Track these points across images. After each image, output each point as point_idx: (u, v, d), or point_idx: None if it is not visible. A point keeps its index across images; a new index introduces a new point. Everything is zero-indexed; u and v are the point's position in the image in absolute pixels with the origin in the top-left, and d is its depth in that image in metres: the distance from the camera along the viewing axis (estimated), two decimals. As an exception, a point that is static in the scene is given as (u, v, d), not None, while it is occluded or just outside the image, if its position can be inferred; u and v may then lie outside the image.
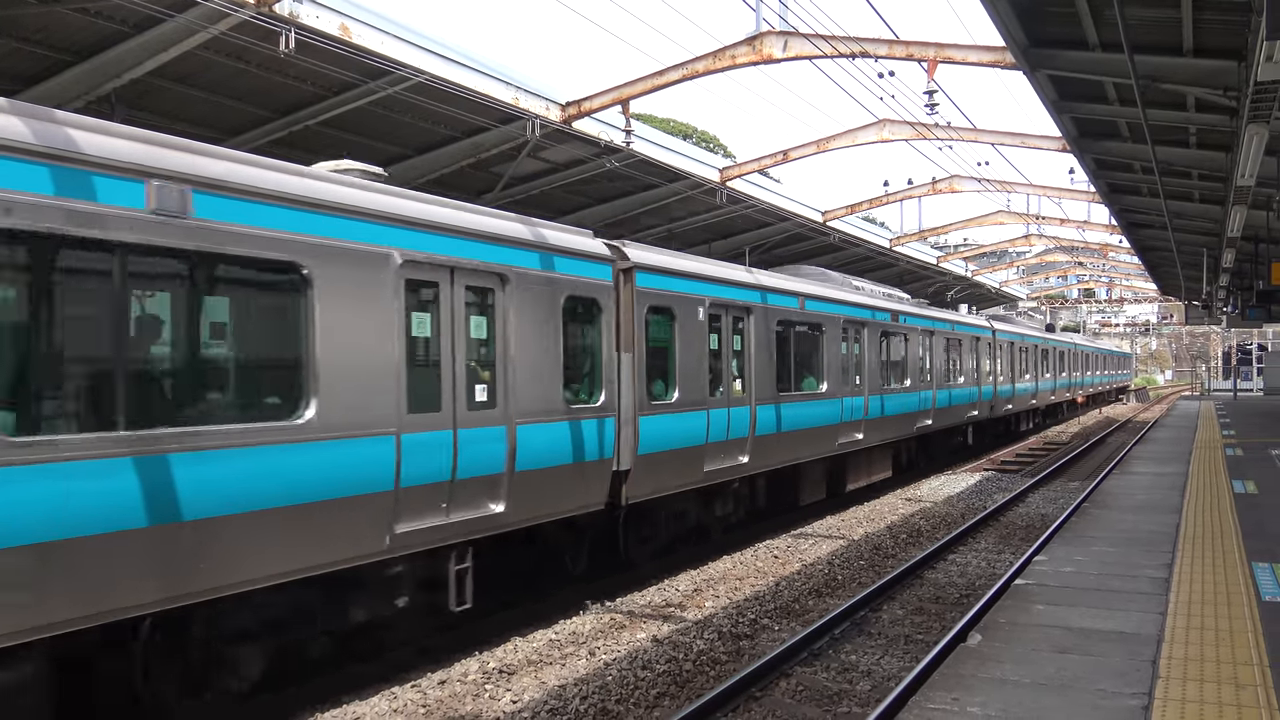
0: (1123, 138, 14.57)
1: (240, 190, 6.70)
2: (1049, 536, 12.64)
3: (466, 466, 8.49)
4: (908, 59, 13.05)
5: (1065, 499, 18.26)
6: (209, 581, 6.43)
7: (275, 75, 11.88)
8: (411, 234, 8.03)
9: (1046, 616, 7.27)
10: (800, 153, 18.90)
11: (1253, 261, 21.88)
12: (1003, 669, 6.06)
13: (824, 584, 11.59)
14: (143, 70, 10.88)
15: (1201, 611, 7.29)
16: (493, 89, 13.25)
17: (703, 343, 12.40)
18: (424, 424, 8.05)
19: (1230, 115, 11.13)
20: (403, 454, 7.79)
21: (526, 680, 8.21)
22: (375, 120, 13.64)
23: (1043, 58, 10.98)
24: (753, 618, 10.02)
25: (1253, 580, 8.23)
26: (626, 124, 15.05)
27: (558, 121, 14.41)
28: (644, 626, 9.83)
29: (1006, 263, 50.07)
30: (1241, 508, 12.04)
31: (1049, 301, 60.65)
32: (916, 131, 16.78)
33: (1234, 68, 9.99)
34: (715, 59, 13.82)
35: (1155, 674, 5.90)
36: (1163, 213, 18.95)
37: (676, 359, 11.86)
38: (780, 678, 8.26)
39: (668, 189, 18.88)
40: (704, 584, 11.62)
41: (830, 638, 9.41)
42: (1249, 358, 62.45)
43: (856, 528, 15.49)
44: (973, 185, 23.24)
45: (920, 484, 20.95)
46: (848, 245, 26.86)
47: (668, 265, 11.87)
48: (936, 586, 11.56)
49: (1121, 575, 8.53)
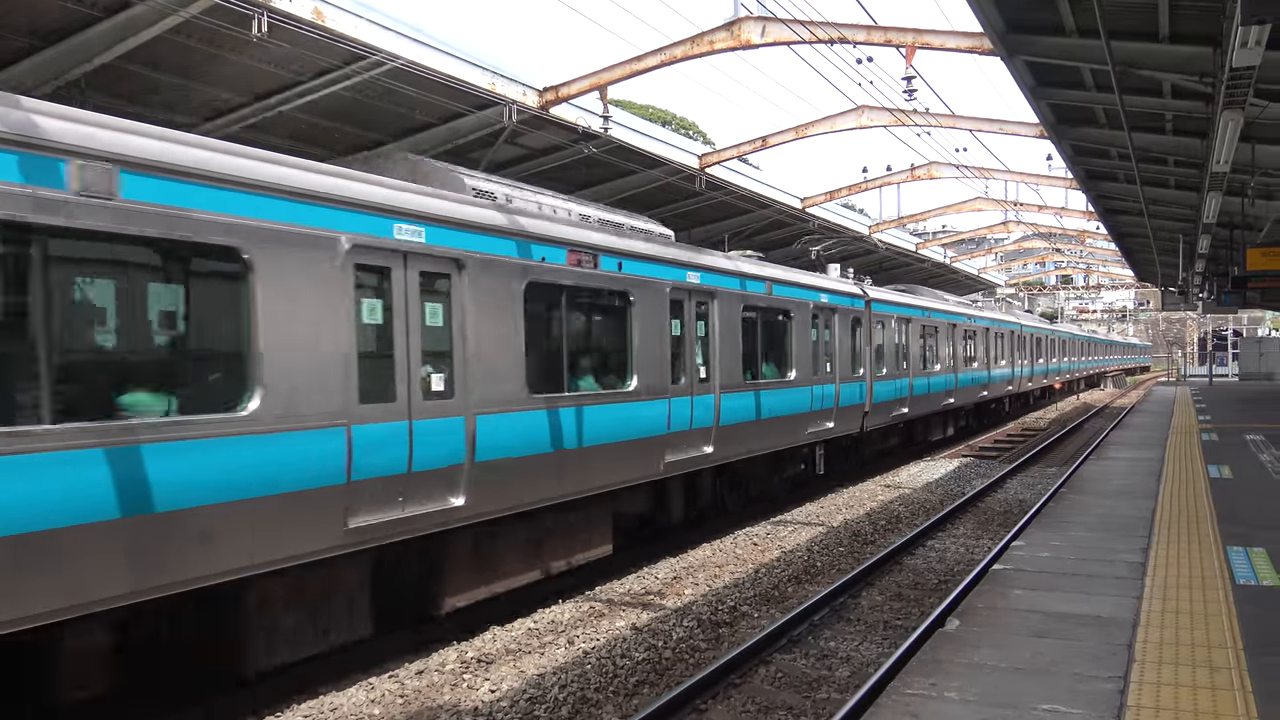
0: (1100, 124, 14.64)
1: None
2: (1026, 522, 12.73)
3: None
4: (886, 44, 13.05)
5: (1043, 484, 18.40)
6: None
7: (248, 60, 11.74)
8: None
9: (1024, 601, 7.32)
10: (779, 139, 18.90)
11: (1228, 247, 22.03)
12: (980, 654, 6.10)
13: (803, 571, 11.64)
14: (113, 55, 10.72)
15: (1177, 595, 7.36)
16: (469, 74, 13.16)
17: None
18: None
19: (1206, 101, 11.21)
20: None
21: (505, 669, 8.20)
22: (351, 106, 13.52)
23: (1020, 43, 11.01)
24: (732, 605, 10.05)
25: (1227, 564, 8.32)
26: (604, 110, 14.99)
27: (535, 107, 14.34)
28: (623, 614, 9.84)
29: (985, 249, 50.30)
30: (1217, 492, 12.17)
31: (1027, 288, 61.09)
32: (895, 118, 16.81)
33: (1209, 54, 10.05)
34: (694, 44, 13.77)
35: (1131, 658, 5.95)
36: (1139, 199, 19.09)
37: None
38: (760, 665, 8.29)
39: (646, 175, 18.82)
40: (683, 571, 11.64)
41: (810, 624, 9.45)
42: (1224, 343, 63.12)
43: (836, 514, 15.55)
44: (951, 172, 23.34)
45: (899, 470, 21.06)
46: (826, 232, 26.89)
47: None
48: (915, 572, 11.62)
49: (1098, 560, 8.61)
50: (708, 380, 12.98)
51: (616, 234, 11.45)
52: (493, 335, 9.07)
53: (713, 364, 13.07)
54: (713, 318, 13.17)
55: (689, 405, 12.47)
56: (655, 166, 18.29)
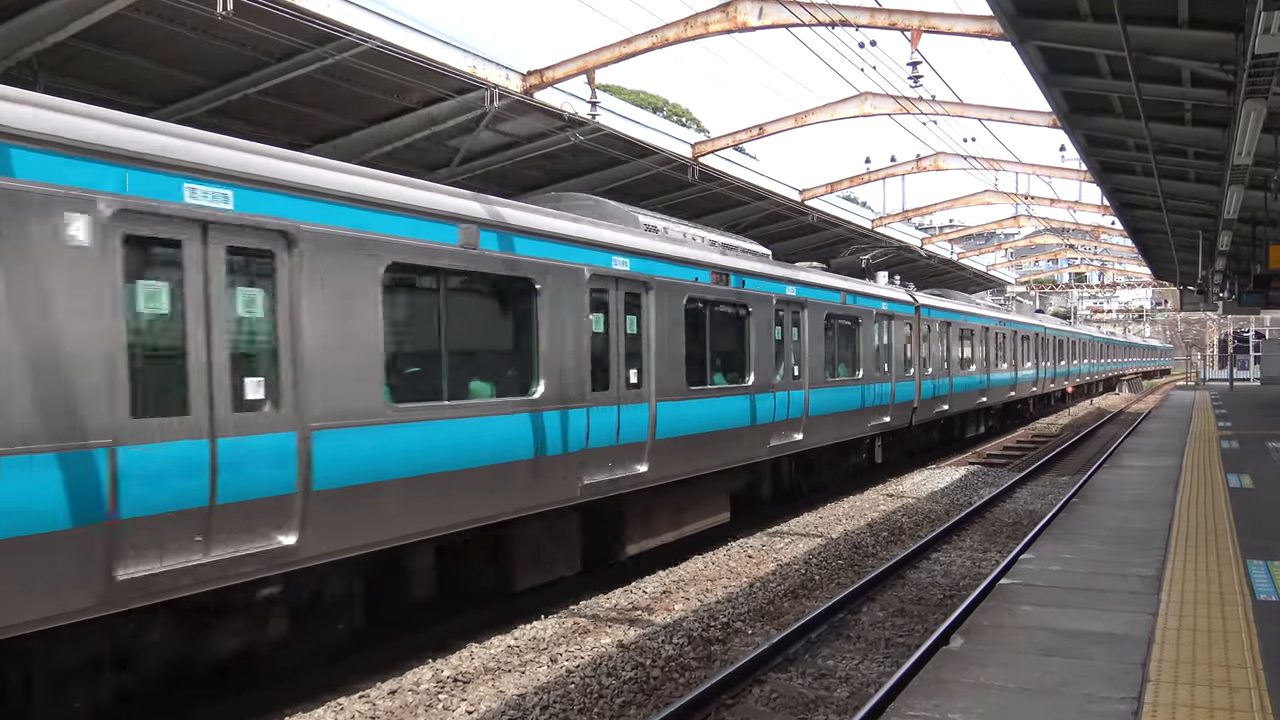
0: (1115, 113, 14.69)
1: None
2: (1036, 534, 12.77)
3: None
4: (890, 28, 13.08)
5: (1054, 494, 18.46)
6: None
7: (211, 39, 11.68)
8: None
9: (1032, 618, 7.33)
10: (777, 127, 18.91)
11: (1250, 244, 22.16)
12: (986, 673, 6.11)
13: (800, 585, 11.65)
14: (67, 33, 10.65)
15: (1194, 612, 7.38)
16: (448, 56, 13.12)
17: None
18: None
19: (1227, 90, 11.24)
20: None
21: (484, 689, 8.18)
22: (322, 89, 13.47)
23: (1032, 28, 11.03)
24: (725, 621, 10.05)
25: (1247, 579, 8.35)
26: (592, 95, 14.98)
27: (518, 92, 14.31)
28: (609, 631, 9.83)
29: (994, 245, 50.47)
30: (1237, 503, 12.21)
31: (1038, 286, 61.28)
32: (900, 105, 16.84)
33: (1231, 40, 10.07)
34: (687, 26, 13.77)
35: (1145, 677, 5.96)
36: (1157, 193, 19.16)
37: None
38: (754, 684, 8.29)
39: (636, 165, 18.81)
40: (673, 585, 11.63)
41: (807, 642, 9.45)
42: (1246, 346, 63.34)
43: (835, 525, 15.57)
44: (959, 163, 23.38)
45: (903, 479, 21.11)
46: (827, 226, 26.93)
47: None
48: (919, 587, 11.65)
49: (1111, 574, 8.62)
50: (800, 378, 16.08)
51: (736, 256, 14.65)
52: (670, 340, 12.20)
53: (803, 364, 16.19)
54: (803, 325, 16.33)
55: (787, 399, 15.51)
56: (646, 155, 18.29)
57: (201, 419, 6.76)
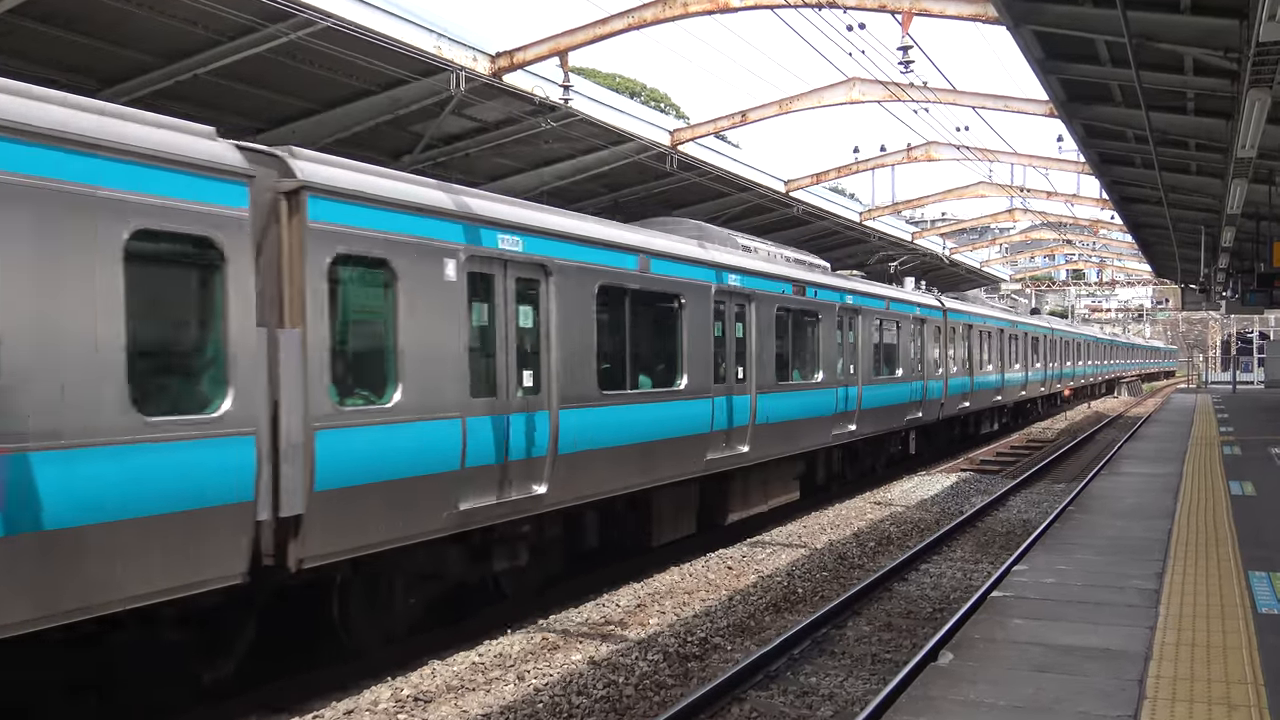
0: (1115, 102, 14.80)
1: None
2: (1030, 544, 12.86)
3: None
4: (880, 10, 13.10)
5: (1049, 502, 18.62)
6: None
7: (160, 16, 11.60)
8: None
9: (1025, 632, 7.40)
10: (761, 114, 18.93)
11: (1254, 241, 22.37)
12: (976, 690, 6.16)
13: (783, 598, 11.69)
14: (3, 8, 10.55)
15: (1193, 626, 7.47)
16: (411, 35, 13.05)
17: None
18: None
19: (1231, 79, 11.35)
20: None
21: (445, 709, 8.17)
22: (276, 70, 13.39)
23: (1028, 11, 11.10)
24: (703, 636, 10.08)
25: (1249, 590, 8.46)
26: (565, 78, 14.94)
27: (486, 74, 14.26)
28: (580, 647, 9.83)
29: (988, 240, 50.73)
30: (1239, 511, 12.36)
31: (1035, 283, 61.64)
32: (890, 92, 16.90)
33: (1235, 27, 10.16)
34: (665, 6, 13.76)
35: (1142, 694, 6.03)
36: (1158, 186, 19.33)
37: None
38: (733, 703, 8.32)
39: (612, 153, 18.80)
40: (648, 598, 11.65)
41: (789, 658, 9.49)
42: (1249, 347, 63.94)
43: (820, 535, 15.64)
44: (951, 153, 23.48)
45: (891, 486, 21.23)
46: (813, 218, 27.01)
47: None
48: (907, 600, 11.72)
49: (1107, 586, 8.71)
50: (854, 374, 19.46)
51: (807, 270, 18.14)
52: (768, 343, 15.58)
53: (858, 363, 19.63)
54: (858, 329, 19.80)
55: (845, 394, 18.84)
56: (622, 143, 18.29)
57: (504, 399, 10.01)
